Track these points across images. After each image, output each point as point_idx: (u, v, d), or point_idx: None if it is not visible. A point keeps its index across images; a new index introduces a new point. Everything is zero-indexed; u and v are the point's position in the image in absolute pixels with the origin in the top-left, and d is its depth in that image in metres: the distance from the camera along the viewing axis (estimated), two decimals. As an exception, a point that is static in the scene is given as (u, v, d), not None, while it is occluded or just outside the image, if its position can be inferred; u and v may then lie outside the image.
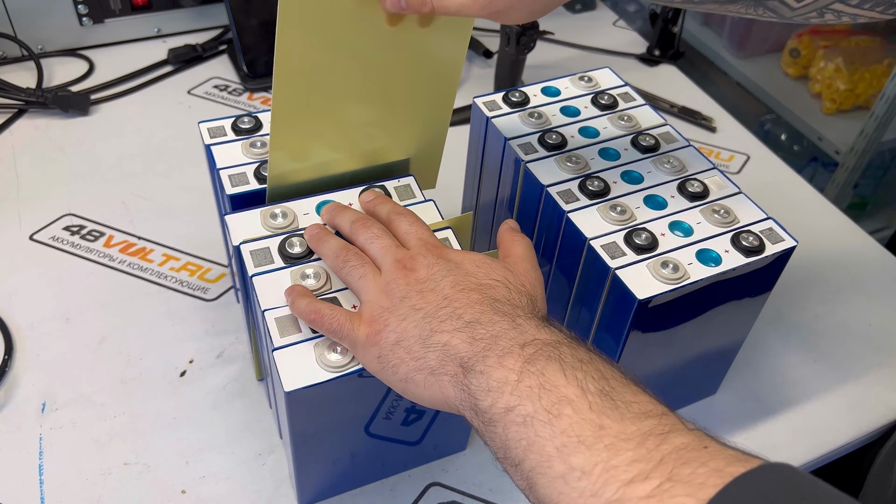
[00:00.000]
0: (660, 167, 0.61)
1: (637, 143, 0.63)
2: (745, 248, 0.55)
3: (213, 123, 0.61)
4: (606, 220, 0.56)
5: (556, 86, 0.69)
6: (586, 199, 0.58)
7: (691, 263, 0.54)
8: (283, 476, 0.61)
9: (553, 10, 0.51)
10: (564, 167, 0.60)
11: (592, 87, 0.70)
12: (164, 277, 0.75)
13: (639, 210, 0.57)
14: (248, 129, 0.61)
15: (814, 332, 0.76)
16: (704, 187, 0.59)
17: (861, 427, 0.69)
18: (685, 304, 0.54)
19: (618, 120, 0.66)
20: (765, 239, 0.56)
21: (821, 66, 1.51)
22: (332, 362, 0.47)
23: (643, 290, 0.52)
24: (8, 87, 0.91)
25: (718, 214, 0.57)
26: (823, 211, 0.91)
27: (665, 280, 0.52)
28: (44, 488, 0.59)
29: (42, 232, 0.79)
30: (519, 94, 0.67)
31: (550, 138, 0.63)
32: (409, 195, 0.57)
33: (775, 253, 0.55)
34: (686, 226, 0.57)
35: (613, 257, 0.54)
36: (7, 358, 0.67)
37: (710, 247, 0.55)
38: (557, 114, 0.66)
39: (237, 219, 0.54)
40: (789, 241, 0.56)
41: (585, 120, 0.66)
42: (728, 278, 0.54)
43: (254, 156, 0.58)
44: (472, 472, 0.63)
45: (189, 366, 0.68)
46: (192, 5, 1.04)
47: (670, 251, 0.54)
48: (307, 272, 0.50)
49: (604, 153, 0.62)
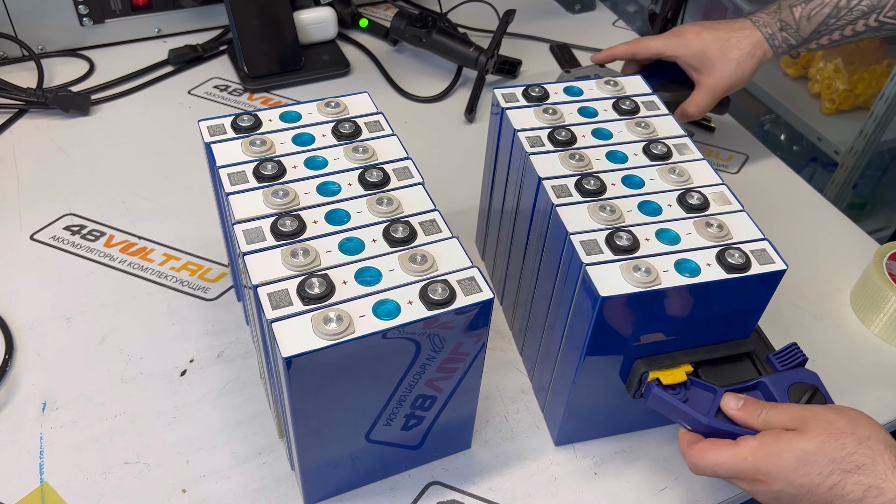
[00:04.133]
0: (665, 176, 0.61)
1: (648, 150, 0.63)
2: (728, 265, 0.53)
3: (213, 121, 0.61)
4: (594, 218, 0.56)
5: (580, 86, 0.69)
6: (578, 196, 0.58)
7: (667, 271, 0.53)
8: (284, 475, 0.61)
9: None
10: (567, 163, 0.60)
11: (617, 92, 0.69)
12: (164, 277, 0.76)
13: (630, 213, 0.57)
14: (247, 128, 0.61)
15: (814, 332, 0.77)
16: (704, 200, 0.58)
17: (861, 426, 0.69)
18: (657, 311, 0.53)
19: (635, 126, 0.65)
20: (753, 258, 0.54)
21: (820, 66, 1.51)
22: (330, 330, 0.47)
23: (608, 288, 0.51)
24: (8, 87, 0.91)
25: (712, 228, 0.56)
26: (823, 211, 0.91)
27: (634, 283, 0.51)
28: (44, 487, 0.59)
29: (42, 232, 0.79)
30: (539, 90, 0.67)
31: (560, 134, 0.63)
32: (434, 230, 0.56)
33: (760, 273, 0.54)
34: (673, 234, 0.56)
35: (589, 253, 0.53)
36: (8, 357, 0.67)
37: (693, 258, 0.54)
38: (574, 113, 0.66)
39: (240, 198, 0.55)
40: (780, 264, 0.54)
41: (602, 122, 0.66)
42: (705, 292, 0.53)
43: (253, 154, 0.58)
44: (472, 472, 0.63)
45: (189, 365, 0.68)
46: (193, 6, 1.04)
47: (649, 256, 0.54)
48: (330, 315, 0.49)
49: (611, 155, 0.62)
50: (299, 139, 0.60)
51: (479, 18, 1.14)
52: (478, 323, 0.52)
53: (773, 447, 0.50)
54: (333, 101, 0.64)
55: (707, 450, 0.53)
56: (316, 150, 0.59)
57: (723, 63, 0.81)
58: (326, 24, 1.05)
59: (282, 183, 0.57)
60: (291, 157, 0.59)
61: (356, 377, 0.51)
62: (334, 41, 1.08)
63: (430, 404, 0.57)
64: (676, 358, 0.57)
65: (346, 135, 0.61)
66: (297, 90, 1.01)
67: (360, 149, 0.59)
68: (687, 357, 0.57)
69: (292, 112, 0.63)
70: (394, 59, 1.08)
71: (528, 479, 0.63)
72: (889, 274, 0.75)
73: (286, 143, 0.60)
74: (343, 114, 0.63)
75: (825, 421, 0.50)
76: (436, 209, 0.56)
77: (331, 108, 0.63)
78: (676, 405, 0.55)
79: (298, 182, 0.57)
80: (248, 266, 0.51)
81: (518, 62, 1.05)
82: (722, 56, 0.81)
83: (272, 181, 0.57)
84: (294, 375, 0.47)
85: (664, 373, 0.57)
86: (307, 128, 0.61)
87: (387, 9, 1.19)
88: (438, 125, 0.98)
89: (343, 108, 0.64)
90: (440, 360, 0.53)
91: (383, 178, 0.57)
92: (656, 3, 1.11)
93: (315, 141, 0.60)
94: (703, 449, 0.53)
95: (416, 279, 0.51)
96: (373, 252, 0.52)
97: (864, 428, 0.50)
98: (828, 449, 0.49)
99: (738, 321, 0.58)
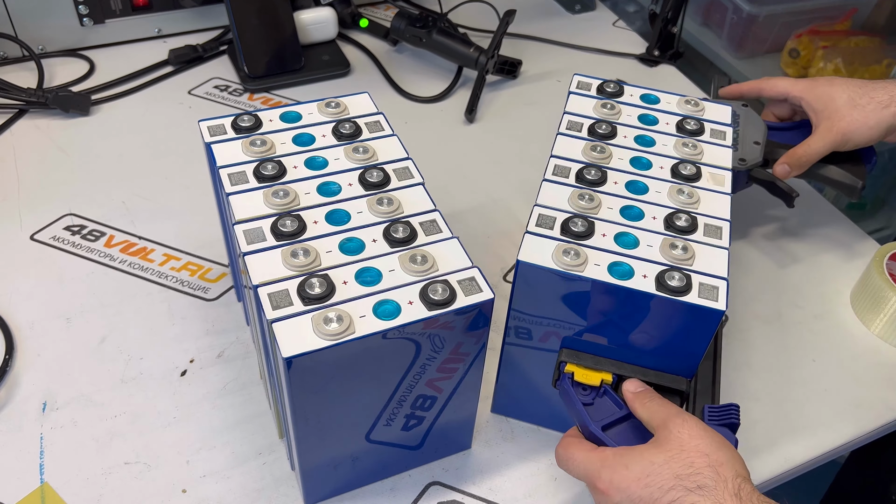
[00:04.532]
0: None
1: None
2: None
3: (213, 122, 0.61)
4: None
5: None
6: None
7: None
8: (284, 475, 0.61)
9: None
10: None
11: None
12: (164, 277, 0.76)
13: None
14: (248, 128, 0.61)
15: (814, 332, 0.77)
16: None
17: (861, 427, 0.69)
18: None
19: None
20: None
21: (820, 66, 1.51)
22: (330, 331, 0.47)
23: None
24: (9, 88, 0.91)
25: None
26: (823, 211, 0.91)
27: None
28: (44, 488, 0.59)
29: (43, 232, 0.79)
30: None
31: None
32: (434, 230, 0.55)
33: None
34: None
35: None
36: (8, 358, 0.67)
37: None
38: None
39: (240, 199, 0.55)
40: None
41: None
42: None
43: (254, 154, 0.58)
44: (472, 472, 0.63)
45: (189, 365, 0.68)
46: (193, 6, 1.04)
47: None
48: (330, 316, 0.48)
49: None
50: (299, 139, 0.60)
51: (479, 18, 1.14)
52: (478, 323, 0.52)
53: (623, 458, 0.50)
54: (334, 102, 0.64)
55: (572, 444, 0.54)
56: (316, 151, 0.59)
57: (847, 108, 0.73)
58: (326, 24, 1.05)
59: (282, 183, 0.57)
60: (292, 157, 0.59)
61: (356, 377, 0.51)
62: (334, 41, 1.08)
63: (431, 404, 0.57)
64: (601, 363, 0.57)
65: (346, 135, 0.61)
66: (298, 90, 1.01)
67: (361, 149, 0.59)
68: (613, 367, 0.57)
69: (292, 112, 0.63)
70: (394, 60, 1.09)
71: (528, 479, 0.63)
72: (889, 274, 0.75)
73: (286, 143, 0.60)
74: (343, 114, 0.63)
75: (686, 435, 0.50)
76: (436, 209, 0.56)
77: (331, 108, 0.63)
78: (575, 403, 0.56)
79: (299, 182, 0.57)
80: (248, 266, 0.51)
81: (518, 62, 1.05)
82: (850, 102, 0.73)
83: (272, 181, 0.57)
84: (294, 376, 0.47)
85: (581, 370, 0.57)
86: (307, 128, 0.61)
87: (387, 9, 1.19)
88: (438, 125, 0.98)
89: (343, 109, 0.64)
90: (440, 360, 0.53)
91: (383, 178, 0.57)
92: (656, 3, 1.11)
93: (315, 141, 0.60)
94: (570, 443, 0.54)
95: (416, 279, 0.51)
96: (373, 252, 0.52)
97: (721, 454, 0.48)
98: (674, 464, 0.48)
99: (680, 357, 0.56)
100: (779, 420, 0.69)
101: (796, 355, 0.74)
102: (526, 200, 0.87)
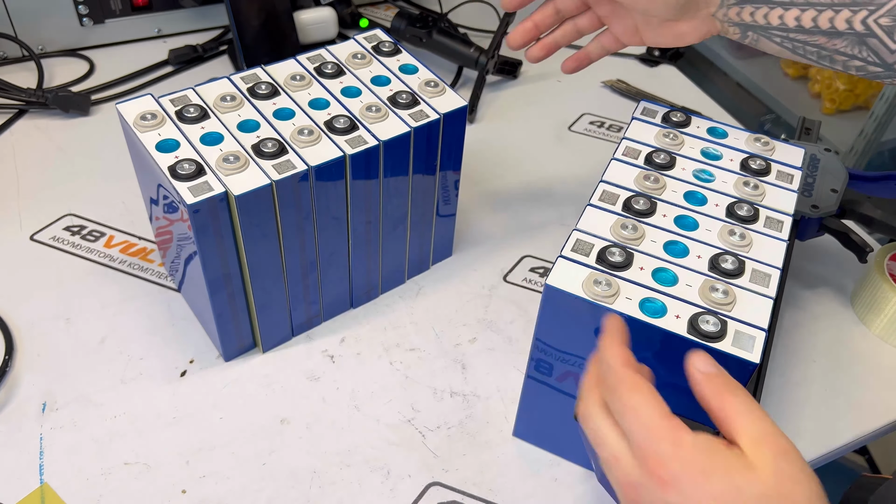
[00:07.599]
0: (724, 235, 0.57)
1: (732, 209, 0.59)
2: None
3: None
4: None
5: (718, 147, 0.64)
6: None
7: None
8: (284, 475, 0.61)
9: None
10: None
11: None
12: (164, 277, 0.75)
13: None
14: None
15: (814, 332, 0.77)
16: (739, 265, 0.54)
17: (861, 427, 0.69)
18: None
19: (742, 186, 0.60)
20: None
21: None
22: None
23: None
24: (8, 88, 0.91)
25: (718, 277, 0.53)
26: (823, 211, 0.91)
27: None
28: (44, 488, 0.59)
29: (42, 232, 0.79)
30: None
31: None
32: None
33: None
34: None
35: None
36: (7, 358, 0.67)
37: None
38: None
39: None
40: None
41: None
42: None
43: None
44: (472, 472, 0.63)
45: (189, 366, 0.68)
46: (193, 6, 1.04)
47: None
48: None
49: (679, 220, 0.58)
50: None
51: (480, 18, 1.14)
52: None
53: (705, 457, 0.39)
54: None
55: (643, 388, 0.41)
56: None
57: None
58: (327, 24, 1.05)
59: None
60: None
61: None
62: (335, 41, 1.08)
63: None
64: None
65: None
66: (298, 90, 1.01)
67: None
68: None
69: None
70: (394, 60, 1.08)
71: (528, 480, 0.63)
72: (889, 274, 0.75)
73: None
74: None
75: (788, 478, 0.38)
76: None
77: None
78: (585, 439, 0.49)
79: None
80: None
81: (518, 62, 1.05)
82: None
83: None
84: None
85: None
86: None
87: (387, 9, 1.19)
88: (438, 125, 0.98)
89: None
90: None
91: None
92: (656, 3, 1.11)
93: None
94: (640, 385, 0.41)
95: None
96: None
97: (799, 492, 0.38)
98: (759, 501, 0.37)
99: None
100: (778, 421, 0.68)
101: (796, 356, 0.74)
102: (526, 201, 0.88)
